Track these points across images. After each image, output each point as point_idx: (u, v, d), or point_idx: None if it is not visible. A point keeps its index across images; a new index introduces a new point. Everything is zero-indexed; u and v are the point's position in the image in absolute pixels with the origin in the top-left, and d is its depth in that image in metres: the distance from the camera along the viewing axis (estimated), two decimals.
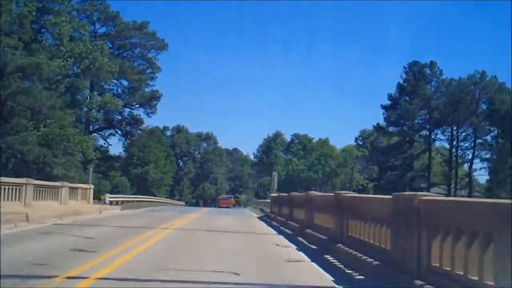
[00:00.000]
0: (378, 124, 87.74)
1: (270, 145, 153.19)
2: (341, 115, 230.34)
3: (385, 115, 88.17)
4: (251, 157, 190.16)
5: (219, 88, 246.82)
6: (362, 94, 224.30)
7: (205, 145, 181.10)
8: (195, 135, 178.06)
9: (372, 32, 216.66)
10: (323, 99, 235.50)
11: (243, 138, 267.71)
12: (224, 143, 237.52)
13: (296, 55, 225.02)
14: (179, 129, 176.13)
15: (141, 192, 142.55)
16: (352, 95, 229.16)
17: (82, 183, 49.54)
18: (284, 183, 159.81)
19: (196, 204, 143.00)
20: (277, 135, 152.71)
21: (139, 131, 71.63)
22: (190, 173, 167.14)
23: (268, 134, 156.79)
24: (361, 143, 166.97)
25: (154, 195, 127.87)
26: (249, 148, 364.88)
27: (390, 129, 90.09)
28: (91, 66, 47.67)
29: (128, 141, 77.45)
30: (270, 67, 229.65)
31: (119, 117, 75.47)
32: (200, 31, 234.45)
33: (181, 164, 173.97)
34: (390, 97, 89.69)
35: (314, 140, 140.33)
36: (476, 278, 6.75)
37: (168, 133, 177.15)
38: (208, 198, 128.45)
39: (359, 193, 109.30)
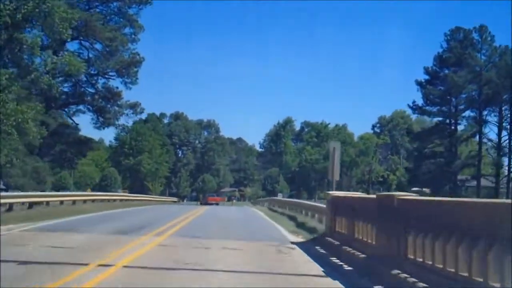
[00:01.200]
0: (414, 103, 72.23)
1: (279, 133, 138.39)
2: (356, 101, 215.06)
3: (422, 92, 72.63)
4: (257, 147, 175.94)
5: (220, 73, 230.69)
6: (377, 78, 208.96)
7: (206, 133, 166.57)
8: (195, 123, 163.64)
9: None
10: (332, 84, 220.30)
11: (248, 127, 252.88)
12: (227, 132, 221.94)
13: (302, 38, 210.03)
14: (177, 116, 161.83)
15: (135, 185, 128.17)
16: (367, 79, 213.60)
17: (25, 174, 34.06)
18: (295, 175, 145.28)
19: (196, 199, 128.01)
20: (287, 121, 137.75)
21: (116, 107, 53.99)
22: (189, 164, 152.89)
23: (278, 121, 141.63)
24: (378, 130, 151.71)
25: (148, 189, 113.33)
26: (255, 138, 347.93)
27: (426, 108, 74.42)
28: (36, 10, 32.76)
29: (101, 118, 59.66)
30: (278, 47, 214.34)
31: (91, 90, 59.68)
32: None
33: (180, 155, 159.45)
34: (427, 71, 74.11)
35: (330, 126, 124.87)
36: (441, 266, 7.63)
37: (166, 120, 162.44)
38: (209, 191, 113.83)
39: (381, 186, 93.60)
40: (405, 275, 8.69)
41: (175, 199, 71.67)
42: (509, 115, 73.43)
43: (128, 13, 60.73)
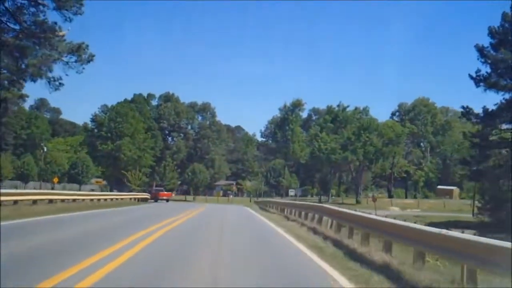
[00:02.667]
0: (478, 73, 53.64)
1: (286, 118, 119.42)
2: (373, 85, 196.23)
3: (485, 60, 53.91)
4: (258, 136, 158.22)
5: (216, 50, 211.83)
6: (395, 61, 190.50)
7: (200, 118, 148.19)
8: (187, 106, 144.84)
9: None
10: (344, 65, 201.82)
11: (248, 116, 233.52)
12: (224, 119, 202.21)
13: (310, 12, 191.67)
14: (167, 98, 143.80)
15: (114, 175, 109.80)
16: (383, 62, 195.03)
17: None
18: (305, 168, 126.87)
19: (186, 193, 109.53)
20: (296, 104, 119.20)
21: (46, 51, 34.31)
22: (179, 152, 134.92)
23: (284, 103, 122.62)
24: (397, 119, 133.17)
25: (128, 180, 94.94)
26: (255, 128, 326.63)
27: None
28: None
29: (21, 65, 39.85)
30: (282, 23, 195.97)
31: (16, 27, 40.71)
32: None
33: (169, 141, 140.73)
34: (492, 32, 55.38)
35: (348, 110, 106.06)
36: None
37: (154, 102, 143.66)
38: (201, 184, 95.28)
39: (404, 182, 74.68)
40: None
41: (146, 195, 53.25)
42: None
43: None
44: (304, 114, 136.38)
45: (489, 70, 57.23)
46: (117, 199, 52.13)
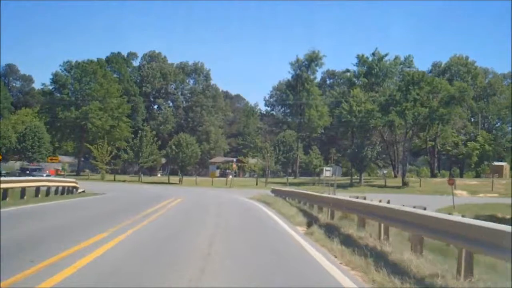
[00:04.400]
0: None
1: (300, 76, 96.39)
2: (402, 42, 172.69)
3: None
4: (261, 106, 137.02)
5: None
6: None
7: (191, 82, 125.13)
8: (176, 67, 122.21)
9: None
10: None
11: (248, 84, 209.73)
12: (221, 87, 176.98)
13: None
14: (151, 57, 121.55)
15: (81, 149, 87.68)
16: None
17: None
18: (328, 140, 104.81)
19: (173, 173, 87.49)
20: (312, 58, 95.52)
21: None
22: (166, 123, 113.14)
23: (296, 56, 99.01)
24: None
25: (94, 157, 73.22)
26: (257, 98, 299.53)
27: None
28: None
29: None
30: None
31: None
32: None
33: (155, 110, 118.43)
34: None
35: (387, 58, 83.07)
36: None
37: (136, 63, 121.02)
38: (189, 161, 72.27)
39: (456, 157, 50.34)
40: None
41: (74, 182, 31.45)
42: None
43: None
44: (319, 74, 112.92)
45: None
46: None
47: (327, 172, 38.71)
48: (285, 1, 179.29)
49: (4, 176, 48.31)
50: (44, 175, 46.94)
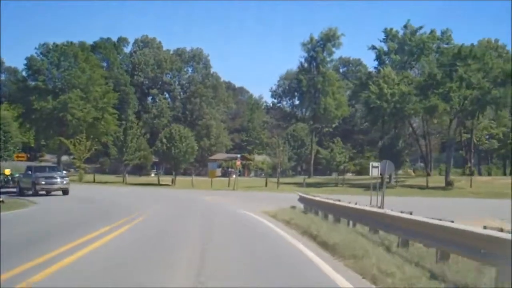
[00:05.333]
0: None
1: (314, 58, 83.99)
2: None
3: None
4: (267, 98, 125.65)
5: None
6: None
7: (190, 71, 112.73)
8: (172, 54, 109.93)
9: None
10: None
11: (252, 76, 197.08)
12: (223, 77, 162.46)
13: None
14: (145, 42, 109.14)
15: (57, 144, 75.75)
16: None
17: None
18: (347, 133, 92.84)
19: (167, 172, 76.07)
20: (329, 36, 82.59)
21: None
22: (161, 116, 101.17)
23: (310, 35, 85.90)
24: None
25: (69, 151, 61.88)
26: (262, 90, 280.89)
27: None
28: None
29: None
30: None
31: None
32: None
33: (148, 101, 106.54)
34: None
35: (421, 32, 70.35)
36: None
37: (127, 49, 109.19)
38: (184, 159, 59.83)
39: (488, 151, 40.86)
40: None
41: None
42: None
43: None
44: (337, 55, 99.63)
45: None
46: None
47: (374, 169, 26.74)
48: None
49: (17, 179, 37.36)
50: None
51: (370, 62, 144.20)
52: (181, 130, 59.97)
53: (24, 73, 78.80)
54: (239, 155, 58.97)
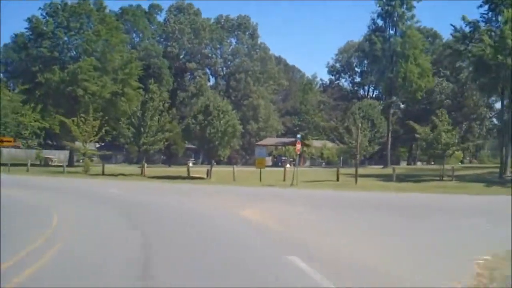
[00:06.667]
0: None
1: (390, 14, 66.10)
2: None
3: None
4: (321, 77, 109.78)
5: None
6: None
7: (234, 42, 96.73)
8: (212, 23, 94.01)
9: None
10: None
11: (304, 52, 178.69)
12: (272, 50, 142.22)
13: None
14: (180, 9, 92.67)
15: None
16: None
17: None
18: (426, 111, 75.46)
19: (208, 162, 60.88)
20: None
21: None
22: (200, 95, 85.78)
23: None
24: None
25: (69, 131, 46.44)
26: (316, 68, 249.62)
27: None
28: None
29: None
30: None
31: None
32: None
33: (185, 77, 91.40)
34: None
35: None
36: None
37: (160, 17, 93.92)
38: (223, 142, 43.14)
39: None
40: None
41: None
42: None
43: None
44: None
45: None
46: None
47: None
48: None
49: None
50: None
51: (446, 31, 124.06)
52: (219, 103, 43.40)
53: (26, 39, 63.76)
54: (298, 135, 42.00)
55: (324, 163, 75.68)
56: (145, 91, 54.52)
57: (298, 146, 38.54)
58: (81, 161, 56.93)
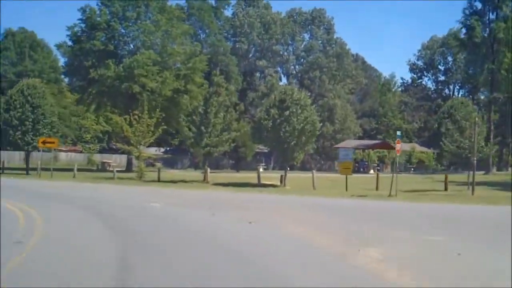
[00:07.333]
0: None
1: None
2: None
3: None
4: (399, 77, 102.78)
5: None
6: None
7: (307, 37, 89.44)
8: (284, 17, 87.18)
9: None
10: None
11: (380, 49, 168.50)
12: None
13: None
14: (249, 2, 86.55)
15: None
16: None
17: None
18: None
19: (280, 167, 53.56)
20: None
21: None
22: (271, 94, 76.86)
23: None
24: None
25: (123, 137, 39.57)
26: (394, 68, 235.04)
27: None
28: None
29: None
30: None
31: None
32: None
33: (255, 76, 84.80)
34: None
35: None
36: None
37: (227, 11, 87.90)
38: (299, 142, 35.46)
39: None
40: None
41: None
42: None
43: None
44: None
45: None
46: None
47: None
48: None
49: None
50: None
51: None
52: (295, 93, 35.52)
53: (78, 31, 57.76)
54: (398, 133, 33.26)
55: (412, 169, 66.60)
56: (210, 87, 47.32)
57: (399, 146, 30.15)
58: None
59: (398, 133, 32.84)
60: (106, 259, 9.78)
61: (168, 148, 76.90)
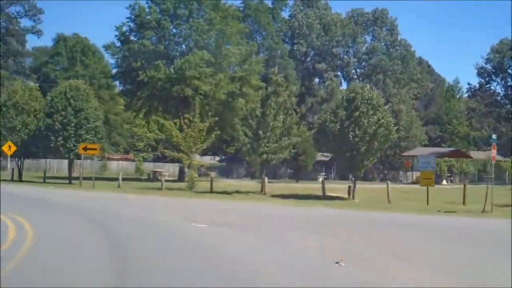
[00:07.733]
0: None
1: None
2: None
3: None
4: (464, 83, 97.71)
5: None
6: None
7: (369, 39, 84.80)
8: (345, 18, 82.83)
9: None
10: None
11: (445, 53, 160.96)
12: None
13: None
14: (308, 3, 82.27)
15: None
16: None
17: None
18: None
19: (342, 177, 48.71)
20: None
21: None
22: (331, 100, 74.79)
23: None
24: None
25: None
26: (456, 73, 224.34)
27: None
28: None
29: None
30: None
31: None
32: None
33: (314, 80, 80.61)
34: None
35: None
36: None
37: (285, 13, 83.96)
38: (371, 148, 30.65)
39: None
40: None
41: None
42: None
43: None
44: None
45: None
46: None
47: None
48: None
49: None
50: None
51: None
52: (367, 93, 30.74)
53: (127, 31, 54.51)
54: (494, 137, 27.94)
55: (491, 180, 60.72)
56: (267, 88, 43.05)
57: (494, 152, 25.28)
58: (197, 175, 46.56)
59: (494, 136, 27.82)
60: None
61: (223, 157, 73.36)
